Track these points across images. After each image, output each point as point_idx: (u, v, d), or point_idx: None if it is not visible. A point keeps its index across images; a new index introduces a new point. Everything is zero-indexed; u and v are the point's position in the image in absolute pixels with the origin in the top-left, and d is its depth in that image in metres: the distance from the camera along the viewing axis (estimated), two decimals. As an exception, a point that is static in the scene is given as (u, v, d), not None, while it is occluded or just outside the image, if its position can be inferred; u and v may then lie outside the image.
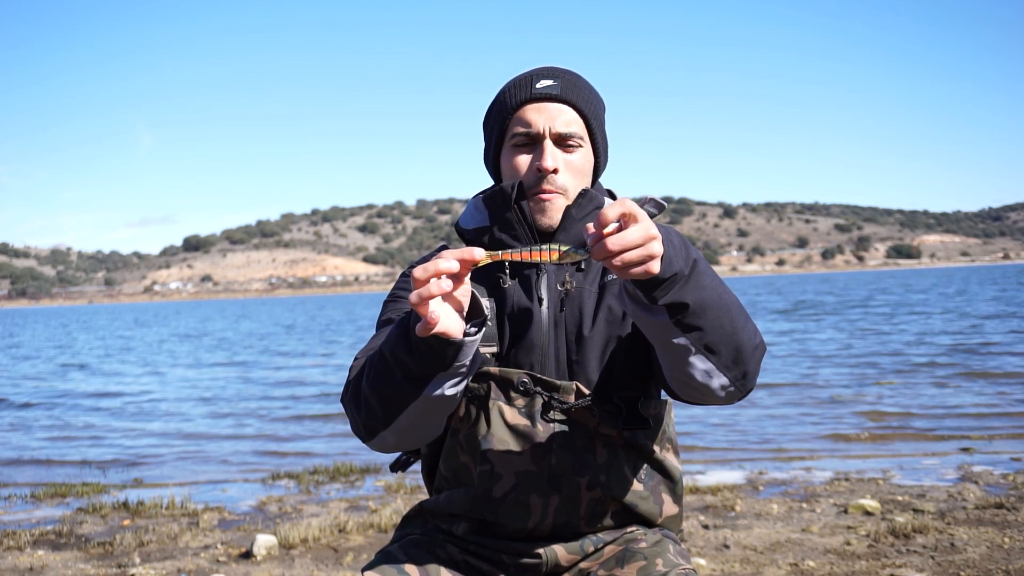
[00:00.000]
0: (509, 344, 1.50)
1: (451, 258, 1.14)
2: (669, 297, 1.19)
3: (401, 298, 1.57)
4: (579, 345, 1.49)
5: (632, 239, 1.10)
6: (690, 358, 1.28)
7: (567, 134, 1.49)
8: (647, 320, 1.24)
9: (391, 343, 1.27)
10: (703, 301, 1.23)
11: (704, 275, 1.24)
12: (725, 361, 1.29)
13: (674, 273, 1.18)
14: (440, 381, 1.26)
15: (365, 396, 1.32)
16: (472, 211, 1.62)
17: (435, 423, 1.37)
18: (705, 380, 1.31)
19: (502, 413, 1.48)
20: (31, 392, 14.27)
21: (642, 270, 1.12)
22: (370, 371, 1.31)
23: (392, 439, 1.36)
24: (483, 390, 1.49)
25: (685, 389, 1.37)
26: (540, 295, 1.51)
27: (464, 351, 1.22)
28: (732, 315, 1.28)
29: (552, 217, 1.50)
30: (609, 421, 1.48)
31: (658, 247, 1.12)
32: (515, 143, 1.52)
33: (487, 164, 1.63)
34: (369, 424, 1.34)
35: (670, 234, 1.23)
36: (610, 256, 1.10)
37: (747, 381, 1.34)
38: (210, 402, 12.00)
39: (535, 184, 1.49)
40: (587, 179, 1.55)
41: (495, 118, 1.56)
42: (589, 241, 1.12)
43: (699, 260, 1.25)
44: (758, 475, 5.89)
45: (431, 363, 1.23)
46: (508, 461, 1.46)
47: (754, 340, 1.33)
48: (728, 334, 1.27)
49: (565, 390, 1.46)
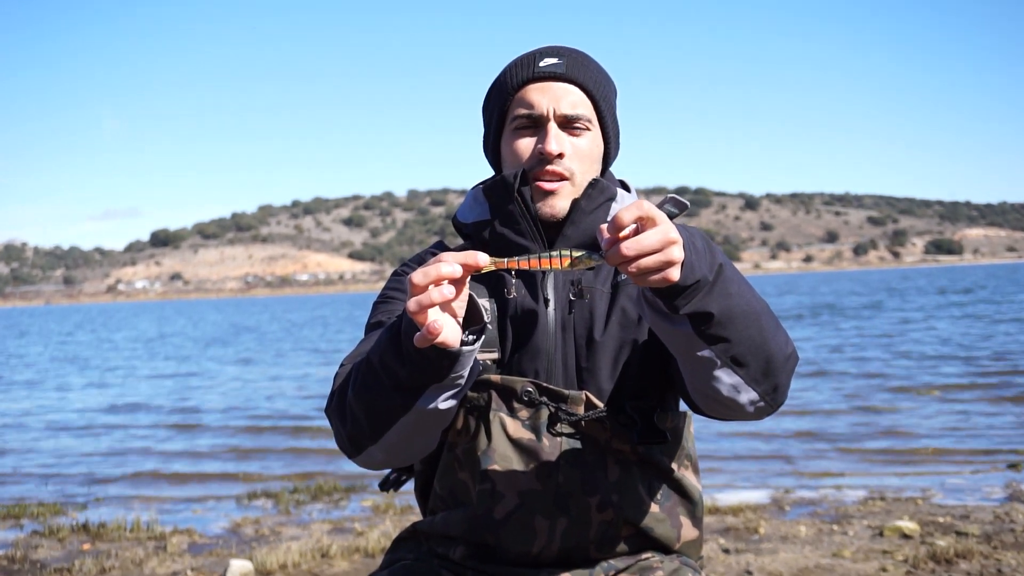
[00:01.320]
0: (512, 349, 1.50)
1: (453, 262, 1.13)
2: (692, 306, 1.20)
3: (393, 299, 1.57)
4: (589, 351, 1.48)
5: (649, 243, 1.10)
6: (715, 371, 1.28)
7: (573, 116, 1.49)
8: (667, 330, 1.25)
9: (380, 350, 1.26)
10: (729, 310, 1.23)
11: (731, 281, 1.24)
12: (754, 374, 1.29)
13: (696, 280, 1.18)
14: (434, 394, 1.26)
15: (351, 407, 1.32)
16: (471, 203, 1.61)
17: (428, 438, 1.36)
18: (732, 395, 1.31)
19: (504, 426, 1.48)
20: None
21: (660, 277, 1.12)
22: (357, 380, 1.31)
23: (380, 455, 1.35)
24: (483, 400, 1.49)
25: (710, 404, 1.37)
26: (546, 295, 1.51)
27: (461, 362, 1.21)
28: (761, 323, 1.28)
29: (557, 207, 1.50)
30: (622, 435, 1.48)
31: (678, 252, 1.12)
32: (516, 126, 1.52)
33: (486, 151, 1.62)
34: (355, 438, 1.34)
35: (693, 237, 1.23)
36: (625, 262, 1.11)
37: (778, 395, 1.34)
38: (178, 413, 12.00)
39: (538, 169, 1.49)
40: (596, 167, 1.55)
41: (495, 100, 1.56)
42: (603, 245, 1.12)
43: (726, 265, 1.25)
44: (784, 494, 5.89)
45: (424, 374, 1.22)
46: (510, 479, 1.46)
47: (785, 350, 1.33)
48: (757, 344, 1.27)
49: (574, 400, 1.46)
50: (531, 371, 1.49)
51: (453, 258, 1.14)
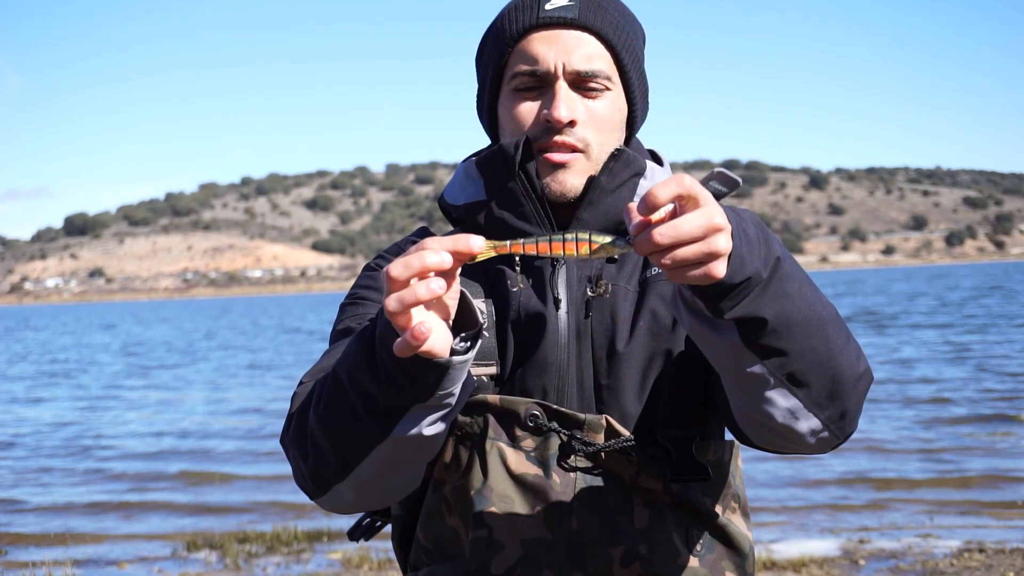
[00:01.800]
0: (514, 362, 1.50)
1: (440, 249, 1.13)
2: (740, 309, 1.19)
3: (365, 300, 1.58)
4: (611, 364, 1.49)
5: (689, 230, 1.09)
6: (768, 392, 1.28)
7: (589, 72, 1.49)
8: (709, 339, 1.24)
9: (350, 363, 1.27)
10: (787, 315, 1.22)
11: (790, 279, 1.24)
12: (816, 396, 1.29)
13: (747, 277, 1.17)
14: (416, 417, 1.26)
15: (313, 436, 1.32)
16: (462, 180, 1.62)
17: (410, 474, 1.37)
18: (788, 422, 1.31)
19: (504, 458, 1.48)
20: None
21: (702, 273, 1.11)
22: (320, 401, 1.31)
23: (350, 495, 1.35)
24: (477, 426, 1.49)
25: (760, 432, 1.37)
26: (557, 295, 1.51)
27: (451, 376, 1.21)
28: (828, 333, 1.28)
29: (569, 184, 1.51)
30: (652, 470, 1.48)
31: (725, 242, 1.11)
32: (517, 86, 1.52)
33: (481, 114, 1.63)
34: (318, 474, 1.34)
35: (744, 222, 1.22)
36: (658, 251, 1.10)
37: (846, 423, 1.35)
38: (87, 441, 12.02)
39: (544, 139, 1.50)
40: (618, 135, 1.55)
41: (490, 51, 1.56)
42: (631, 229, 1.11)
43: (784, 259, 1.24)
44: (858, 544, 5.89)
45: (405, 392, 1.22)
46: (512, 525, 1.46)
47: (857, 367, 1.33)
48: (822, 360, 1.27)
49: (591, 426, 1.46)
50: (538, 389, 1.49)
51: (440, 244, 1.14)
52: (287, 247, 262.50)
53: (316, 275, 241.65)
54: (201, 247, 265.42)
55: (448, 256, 1.13)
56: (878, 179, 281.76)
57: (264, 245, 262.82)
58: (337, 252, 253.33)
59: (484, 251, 1.16)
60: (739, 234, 1.17)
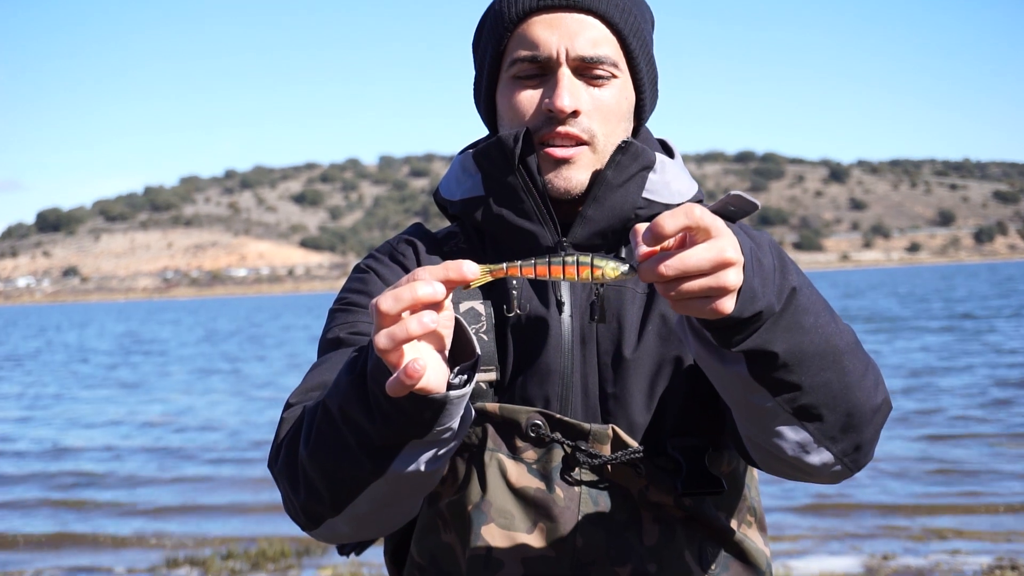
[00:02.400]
0: (514, 368, 1.50)
1: (432, 280, 1.11)
2: (749, 343, 1.19)
3: (356, 307, 1.57)
4: (618, 371, 1.49)
5: (696, 263, 1.09)
6: (778, 426, 1.28)
7: (594, 58, 1.49)
8: (716, 369, 1.25)
9: (340, 397, 1.25)
10: (800, 349, 1.23)
11: (805, 311, 1.24)
12: (830, 430, 1.30)
13: (757, 312, 1.17)
14: (414, 453, 1.25)
15: (304, 470, 1.31)
16: (458, 173, 1.61)
17: (407, 507, 1.37)
18: (799, 455, 1.32)
19: (504, 471, 1.48)
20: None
21: (708, 308, 1.12)
22: (311, 434, 1.30)
23: (346, 528, 1.35)
24: (476, 437, 1.49)
25: (769, 461, 1.38)
26: (560, 297, 1.51)
27: (448, 412, 1.20)
28: (843, 365, 1.28)
29: (573, 179, 1.50)
30: (662, 483, 1.48)
31: (734, 277, 1.11)
32: (517, 73, 1.52)
33: (478, 103, 1.63)
34: (310, 509, 1.34)
35: (760, 250, 1.22)
36: (664, 282, 1.10)
37: (860, 456, 1.36)
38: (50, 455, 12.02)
39: (546, 130, 1.49)
40: (626, 125, 1.55)
41: (488, 36, 1.56)
42: (636, 255, 1.12)
43: (800, 288, 1.24)
44: (882, 560, 5.89)
45: (400, 430, 1.21)
46: (512, 542, 1.46)
47: (874, 399, 1.33)
48: (836, 393, 1.28)
49: (597, 437, 1.46)
50: (540, 398, 1.49)
51: (431, 274, 1.12)
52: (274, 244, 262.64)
53: (304, 274, 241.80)
54: (182, 244, 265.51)
55: (440, 287, 1.12)
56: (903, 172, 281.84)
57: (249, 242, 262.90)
58: (327, 250, 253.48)
59: (479, 277, 1.16)
60: (752, 266, 1.17)
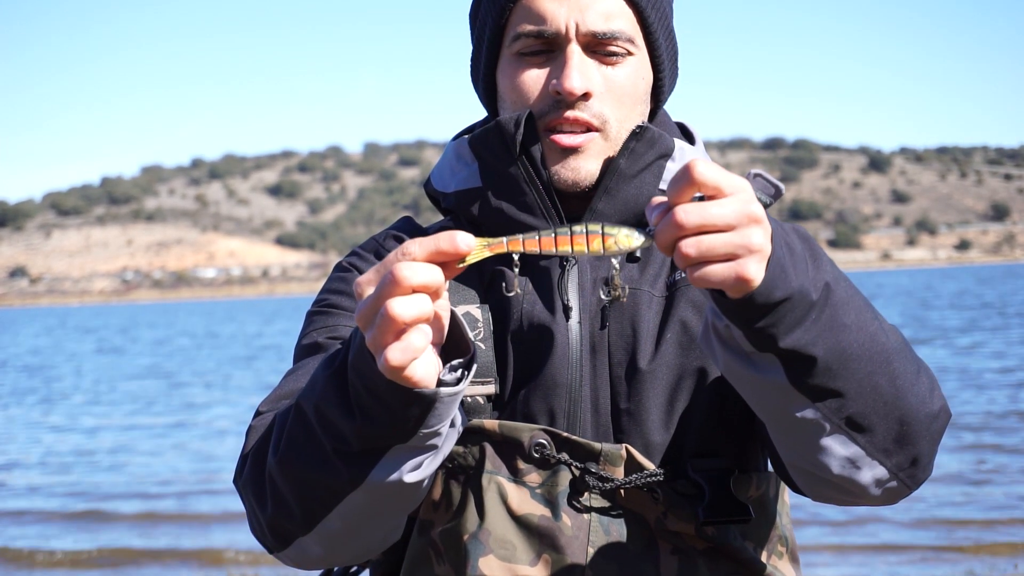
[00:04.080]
0: (515, 381, 1.50)
1: (421, 251, 1.10)
2: (787, 341, 1.17)
3: (338, 310, 1.57)
4: (632, 384, 1.49)
5: (719, 213, 1.08)
6: (823, 440, 1.27)
7: (607, 34, 1.49)
8: (749, 379, 1.24)
9: (316, 394, 1.26)
10: (843, 349, 1.22)
11: (845, 306, 1.23)
12: (882, 442, 1.29)
13: (789, 295, 1.15)
14: (396, 460, 1.25)
15: (272, 480, 1.32)
16: (452, 162, 1.62)
17: (387, 526, 1.37)
18: (848, 473, 1.31)
19: (504, 497, 1.48)
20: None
21: (732, 273, 1.09)
22: (281, 440, 1.31)
23: (317, 549, 1.35)
24: (473, 457, 1.49)
25: (814, 484, 1.37)
26: (567, 301, 1.51)
27: (437, 412, 1.20)
28: (893, 368, 1.27)
29: (583, 170, 1.51)
30: (682, 510, 1.48)
31: (760, 238, 1.10)
32: (520, 49, 1.52)
33: (476, 83, 1.64)
34: (278, 525, 1.34)
35: (788, 234, 1.20)
36: (681, 235, 1.08)
37: (918, 470, 1.34)
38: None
39: (553, 115, 1.49)
40: (642, 108, 1.56)
41: (488, 6, 1.57)
42: (652, 217, 1.11)
43: (836, 281, 1.23)
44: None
45: (381, 430, 1.21)
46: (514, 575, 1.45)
47: (930, 406, 1.32)
48: (887, 400, 1.27)
49: (609, 458, 1.47)
50: (544, 414, 1.49)
51: (421, 249, 1.11)
52: (246, 241, 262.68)
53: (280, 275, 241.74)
54: (143, 241, 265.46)
55: (431, 272, 1.10)
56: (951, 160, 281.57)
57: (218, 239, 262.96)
58: (305, 248, 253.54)
59: (476, 251, 1.14)
60: (781, 243, 1.16)
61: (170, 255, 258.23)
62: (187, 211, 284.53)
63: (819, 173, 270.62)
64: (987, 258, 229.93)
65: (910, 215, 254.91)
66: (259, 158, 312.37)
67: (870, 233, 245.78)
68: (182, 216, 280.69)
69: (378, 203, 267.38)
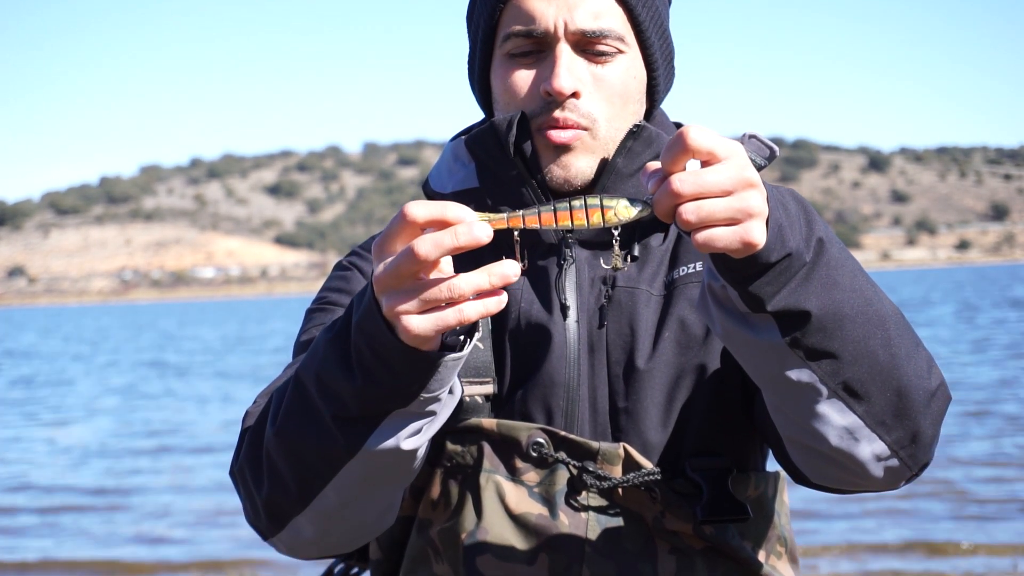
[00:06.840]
0: (513, 380, 1.50)
1: (424, 213, 1.11)
2: (780, 300, 1.18)
3: (336, 307, 1.58)
4: (630, 383, 1.49)
5: (716, 179, 1.09)
6: (819, 406, 1.26)
7: (596, 32, 1.49)
8: (745, 341, 1.24)
9: (317, 360, 1.26)
10: (837, 309, 1.22)
11: (838, 265, 1.23)
12: (880, 413, 1.28)
13: (787, 254, 1.17)
14: (393, 426, 1.24)
15: (269, 456, 1.32)
16: (450, 163, 1.62)
17: (382, 503, 1.36)
18: (845, 445, 1.29)
19: (502, 496, 1.48)
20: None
21: (735, 237, 1.11)
22: (279, 411, 1.31)
23: (311, 530, 1.35)
24: (471, 456, 1.50)
25: (813, 462, 1.36)
26: (564, 299, 1.51)
27: (439, 376, 1.20)
28: (888, 332, 1.27)
29: (574, 168, 1.51)
30: (680, 509, 1.48)
31: (758, 200, 1.12)
32: (511, 50, 1.53)
33: (472, 83, 1.64)
34: (273, 503, 1.33)
35: (782, 195, 1.23)
36: (681, 201, 1.09)
37: (918, 449, 1.33)
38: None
39: (544, 116, 1.50)
40: (635, 107, 1.56)
41: (481, 7, 1.57)
42: (648, 184, 1.12)
43: (828, 240, 1.24)
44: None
45: (382, 391, 1.21)
46: (511, 574, 1.46)
47: (928, 382, 1.31)
48: (883, 367, 1.26)
49: (607, 457, 1.47)
50: (542, 412, 1.49)
51: (424, 211, 1.12)
52: (245, 241, 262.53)
53: (279, 275, 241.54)
54: (142, 241, 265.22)
55: (477, 230, 1.09)
56: (950, 160, 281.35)
57: (217, 239, 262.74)
58: (304, 247, 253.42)
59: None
60: (777, 204, 1.18)
61: (168, 255, 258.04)
62: (186, 211, 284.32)
63: (819, 173, 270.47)
64: (987, 258, 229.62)
65: (910, 215, 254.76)
66: (258, 158, 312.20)
67: (870, 233, 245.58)
68: (181, 216, 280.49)
69: (377, 203, 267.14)
